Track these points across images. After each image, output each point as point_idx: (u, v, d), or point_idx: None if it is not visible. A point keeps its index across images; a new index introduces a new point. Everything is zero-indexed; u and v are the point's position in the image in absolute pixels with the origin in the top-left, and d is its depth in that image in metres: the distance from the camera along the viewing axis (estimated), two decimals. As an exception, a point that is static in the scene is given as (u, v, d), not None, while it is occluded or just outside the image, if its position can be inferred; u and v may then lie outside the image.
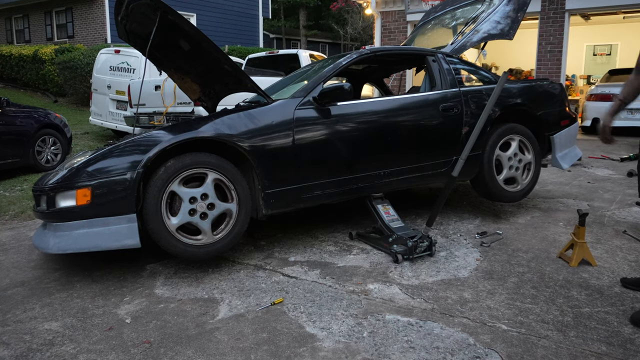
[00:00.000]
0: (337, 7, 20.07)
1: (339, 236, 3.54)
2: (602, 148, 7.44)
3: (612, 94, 8.70)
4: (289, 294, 2.59)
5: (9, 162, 5.87)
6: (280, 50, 8.77)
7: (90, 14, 16.09)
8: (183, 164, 2.66)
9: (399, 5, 11.04)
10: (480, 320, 2.28)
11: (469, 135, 3.60)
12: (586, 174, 5.58)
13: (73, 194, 2.66)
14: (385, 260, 3.05)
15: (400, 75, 8.49)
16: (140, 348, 2.10)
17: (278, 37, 30.02)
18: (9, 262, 3.20)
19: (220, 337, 2.18)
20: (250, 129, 2.87)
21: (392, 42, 11.11)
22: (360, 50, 3.70)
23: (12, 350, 2.11)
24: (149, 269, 2.99)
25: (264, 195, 2.93)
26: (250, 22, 19.98)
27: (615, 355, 1.97)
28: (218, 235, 2.79)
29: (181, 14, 2.69)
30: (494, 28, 4.02)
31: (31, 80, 13.31)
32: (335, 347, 2.07)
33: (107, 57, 8.40)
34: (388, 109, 3.37)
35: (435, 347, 2.05)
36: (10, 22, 19.24)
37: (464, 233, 3.54)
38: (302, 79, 3.68)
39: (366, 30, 25.18)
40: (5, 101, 5.99)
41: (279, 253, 3.23)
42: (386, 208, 3.43)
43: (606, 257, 3.03)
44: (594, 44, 14.01)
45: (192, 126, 2.78)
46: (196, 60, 3.15)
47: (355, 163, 3.21)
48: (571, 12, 9.47)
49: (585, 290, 2.58)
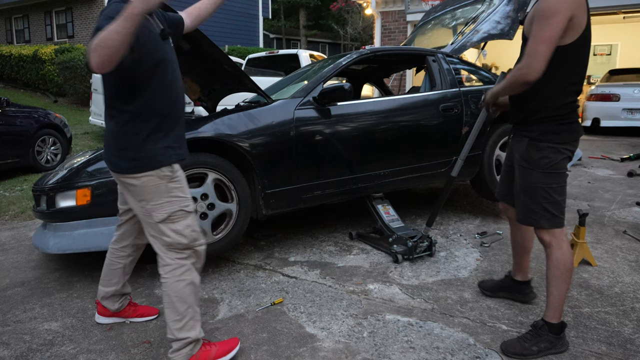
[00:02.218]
0: (337, 7, 20.09)
1: (339, 236, 3.54)
2: (602, 148, 7.44)
3: (612, 94, 8.71)
4: (289, 294, 2.59)
5: (9, 162, 5.87)
6: (280, 50, 8.77)
7: (90, 14, 16.09)
8: (183, 164, 2.66)
9: (399, 5, 11.04)
10: (480, 320, 2.28)
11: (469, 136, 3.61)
12: (586, 174, 5.58)
13: (73, 194, 2.66)
14: (385, 260, 3.05)
15: (400, 75, 8.49)
16: (140, 348, 2.10)
17: (278, 37, 30.02)
18: (9, 262, 3.20)
19: (220, 337, 2.17)
20: (250, 129, 2.87)
21: (392, 42, 11.11)
22: (360, 50, 3.70)
23: (12, 350, 2.11)
24: (149, 269, 2.99)
25: (264, 195, 2.93)
26: (250, 22, 19.98)
27: (615, 355, 1.97)
28: (218, 235, 2.79)
29: (181, 14, 2.68)
30: (494, 28, 4.02)
31: (31, 80, 13.31)
32: (335, 347, 2.07)
33: (107, 57, 8.39)
34: (388, 109, 3.37)
35: (435, 347, 2.05)
36: (10, 22, 19.23)
37: (464, 233, 3.54)
38: (302, 79, 3.68)
39: (366, 30, 25.18)
40: (5, 101, 5.99)
41: (279, 253, 3.22)
42: (386, 208, 3.43)
43: (606, 257, 3.03)
44: (594, 44, 13.99)
45: (192, 126, 2.78)
46: (196, 60, 3.14)
47: (355, 163, 3.21)
48: (571, 12, 9.45)
49: (585, 290, 2.58)
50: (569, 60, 1.90)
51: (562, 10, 1.78)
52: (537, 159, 1.96)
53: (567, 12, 1.78)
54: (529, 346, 1.95)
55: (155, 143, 1.80)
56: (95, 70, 1.53)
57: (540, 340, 1.96)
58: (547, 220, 1.96)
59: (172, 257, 1.86)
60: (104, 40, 1.47)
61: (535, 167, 1.97)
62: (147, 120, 1.79)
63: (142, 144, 1.78)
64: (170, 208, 1.82)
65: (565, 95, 1.93)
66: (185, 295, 1.86)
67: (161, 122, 1.82)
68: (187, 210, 1.86)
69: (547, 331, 1.97)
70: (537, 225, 2.00)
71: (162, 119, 1.82)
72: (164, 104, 1.83)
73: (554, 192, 1.96)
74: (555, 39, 1.81)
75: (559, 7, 1.78)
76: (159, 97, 1.81)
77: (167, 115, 1.84)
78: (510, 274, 2.47)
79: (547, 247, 1.99)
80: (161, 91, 1.81)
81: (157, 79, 1.80)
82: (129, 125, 1.79)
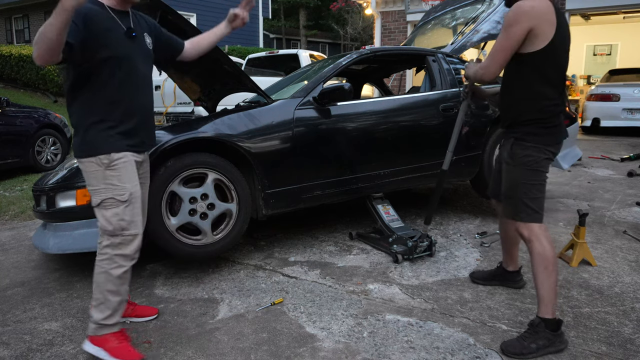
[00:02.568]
0: (337, 7, 20.08)
1: (339, 236, 3.54)
2: (602, 148, 7.44)
3: (612, 94, 8.71)
4: (289, 294, 2.59)
5: (9, 162, 5.87)
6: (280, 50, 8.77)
7: (90, 14, 16.06)
8: (183, 164, 2.66)
9: (399, 5, 11.04)
10: (480, 320, 2.28)
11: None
12: (586, 174, 5.59)
13: (73, 194, 2.66)
14: (385, 260, 3.05)
15: (400, 75, 8.49)
16: (140, 348, 2.10)
17: (278, 37, 30.01)
18: (9, 262, 3.20)
19: (220, 337, 2.18)
20: (250, 129, 2.87)
21: (392, 42, 11.11)
22: (360, 50, 3.70)
23: (12, 350, 2.11)
24: (149, 269, 2.99)
25: (264, 195, 2.93)
26: (250, 22, 19.84)
27: (615, 355, 1.97)
28: (218, 235, 2.79)
29: (181, 14, 2.68)
30: (494, 28, 4.02)
31: (31, 80, 13.30)
32: (335, 347, 2.07)
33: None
34: (388, 109, 3.37)
35: (435, 347, 2.05)
36: (10, 22, 19.23)
37: (464, 233, 3.54)
38: (302, 79, 3.68)
39: (366, 30, 25.18)
40: (5, 101, 5.99)
41: (279, 253, 3.22)
42: (386, 208, 3.43)
43: (606, 257, 3.03)
44: (594, 44, 14.01)
45: (192, 126, 2.78)
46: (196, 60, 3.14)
47: (355, 163, 3.21)
48: (571, 12, 9.46)
49: (585, 290, 2.58)
50: (540, 65, 2.02)
51: (520, 21, 1.94)
52: (521, 157, 2.08)
53: (525, 24, 1.94)
54: (528, 344, 1.97)
55: (99, 132, 1.92)
56: (37, 62, 1.65)
57: (538, 338, 1.98)
58: (527, 215, 2.08)
59: (100, 240, 1.97)
60: (40, 34, 1.60)
61: (518, 164, 2.09)
62: (93, 110, 1.91)
63: (86, 131, 1.92)
64: (104, 195, 1.93)
65: (542, 98, 2.06)
66: (99, 282, 1.96)
67: (110, 113, 1.92)
68: (119, 200, 1.93)
69: (544, 328, 1.99)
70: (517, 219, 2.11)
71: (110, 110, 1.93)
72: (115, 97, 1.93)
73: (534, 189, 2.08)
74: (512, 48, 1.99)
75: (517, 19, 1.95)
76: (110, 89, 1.91)
77: (118, 107, 1.94)
78: (501, 264, 2.64)
79: (528, 242, 2.09)
80: (112, 83, 1.91)
81: (110, 71, 1.90)
82: (79, 113, 1.94)
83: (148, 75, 2.09)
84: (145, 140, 2.09)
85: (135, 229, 1.98)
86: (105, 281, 1.95)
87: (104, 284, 1.95)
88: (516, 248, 2.55)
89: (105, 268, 1.95)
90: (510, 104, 2.15)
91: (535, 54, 1.99)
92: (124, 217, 1.94)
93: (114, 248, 1.95)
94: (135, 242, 1.99)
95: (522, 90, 2.08)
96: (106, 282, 1.95)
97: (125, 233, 1.95)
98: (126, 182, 1.95)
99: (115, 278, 1.95)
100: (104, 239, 1.96)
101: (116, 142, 1.94)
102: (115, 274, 1.95)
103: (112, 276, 1.95)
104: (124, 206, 1.94)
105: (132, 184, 1.98)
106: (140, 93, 2.03)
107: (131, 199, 1.96)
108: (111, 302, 1.97)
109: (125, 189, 1.94)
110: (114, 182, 1.93)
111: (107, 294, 1.96)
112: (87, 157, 1.93)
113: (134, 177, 2.00)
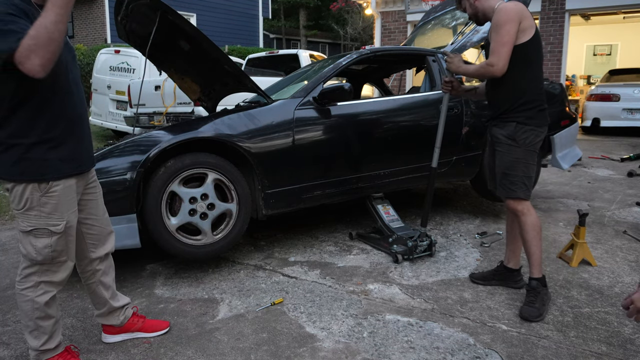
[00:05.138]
0: (337, 7, 20.08)
1: (339, 236, 3.54)
2: (602, 148, 7.44)
3: (612, 94, 8.71)
4: (289, 294, 2.59)
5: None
6: (280, 50, 8.77)
7: (90, 14, 16.09)
8: (183, 164, 2.66)
9: (399, 5, 11.04)
10: (480, 320, 2.28)
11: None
12: (586, 174, 5.59)
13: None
14: (385, 260, 3.05)
15: (400, 75, 8.49)
16: (140, 348, 2.10)
17: (278, 37, 30.01)
18: (9, 262, 3.20)
19: (220, 337, 2.18)
20: (250, 129, 2.87)
21: (392, 42, 11.11)
22: (360, 50, 3.70)
23: (12, 350, 2.11)
24: (149, 269, 2.99)
25: (264, 195, 2.93)
26: (250, 22, 19.97)
27: (615, 355, 1.97)
28: (218, 235, 2.79)
29: (181, 14, 2.68)
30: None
31: None
32: (335, 347, 2.07)
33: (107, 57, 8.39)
34: (388, 109, 3.37)
35: (436, 348, 2.05)
36: (10, 22, 19.21)
37: (464, 233, 3.54)
38: (302, 79, 3.68)
39: (366, 30, 25.18)
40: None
41: (279, 253, 3.22)
42: (386, 208, 3.43)
43: (606, 257, 3.03)
44: (594, 44, 14.01)
45: (192, 126, 2.78)
46: (196, 60, 3.14)
47: (355, 163, 3.21)
48: (571, 12, 9.46)
49: (585, 290, 2.58)
50: (530, 53, 2.34)
51: (513, 19, 2.25)
52: (523, 138, 2.35)
53: (516, 19, 2.26)
54: (539, 305, 2.29)
55: (43, 152, 1.67)
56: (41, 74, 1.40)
57: (540, 296, 2.33)
58: (523, 191, 2.37)
59: (23, 266, 1.77)
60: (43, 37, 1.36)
61: (521, 144, 2.36)
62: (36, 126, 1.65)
63: (28, 150, 1.65)
64: (35, 222, 1.69)
65: (537, 82, 2.38)
66: (25, 311, 1.78)
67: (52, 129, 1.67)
68: (53, 231, 1.71)
69: (541, 285, 2.35)
70: (515, 196, 2.38)
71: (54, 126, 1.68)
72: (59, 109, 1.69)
73: (530, 169, 2.39)
74: (512, 41, 2.27)
75: (508, 17, 2.25)
76: (57, 100, 1.68)
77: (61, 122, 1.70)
78: (502, 263, 2.68)
79: (520, 214, 2.37)
80: (58, 92, 1.68)
81: (53, 78, 1.62)
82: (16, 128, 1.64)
83: (78, 77, 1.83)
84: (87, 159, 1.83)
85: (66, 255, 1.79)
86: (32, 310, 1.77)
87: (31, 313, 1.77)
88: (520, 244, 2.59)
89: (30, 296, 1.76)
90: (510, 91, 2.37)
91: (526, 44, 2.29)
92: (57, 248, 1.74)
93: (41, 275, 1.75)
94: (65, 269, 1.80)
95: (521, 78, 2.34)
96: (33, 311, 1.77)
97: (55, 260, 1.76)
98: (64, 212, 1.73)
99: (43, 305, 1.77)
100: (27, 265, 1.75)
101: (58, 165, 1.69)
102: (41, 301, 1.76)
103: (38, 304, 1.76)
104: (57, 237, 1.73)
105: (70, 212, 1.76)
106: (78, 101, 1.78)
107: (66, 229, 1.75)
108: (44, 327, 1.80)
109: (62, 218, 1.73)
110: (49, 211, 1.69)
111: (38, 321, 1.78)
112: (21, 182, 1.65)
113: (73, 204, 1.78)
